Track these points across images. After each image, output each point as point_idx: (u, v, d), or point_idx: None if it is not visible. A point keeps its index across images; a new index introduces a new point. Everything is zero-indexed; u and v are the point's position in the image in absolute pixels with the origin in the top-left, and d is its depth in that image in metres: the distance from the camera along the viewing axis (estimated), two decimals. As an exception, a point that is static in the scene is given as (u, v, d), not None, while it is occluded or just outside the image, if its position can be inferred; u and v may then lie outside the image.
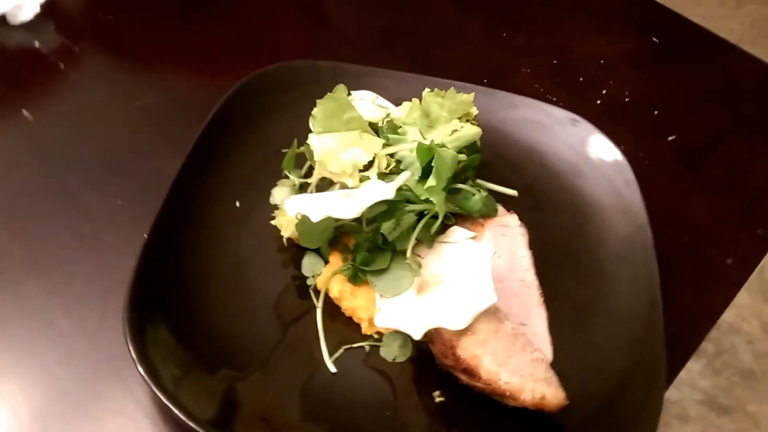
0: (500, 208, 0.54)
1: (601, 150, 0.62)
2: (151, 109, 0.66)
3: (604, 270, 0.56)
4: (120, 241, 0.55)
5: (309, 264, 0.52)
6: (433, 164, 0.47)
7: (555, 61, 0.78)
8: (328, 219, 0.45)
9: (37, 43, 0.70)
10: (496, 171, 0.61)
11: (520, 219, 0.55)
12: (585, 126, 0.63)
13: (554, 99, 0.71)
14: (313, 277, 0.52)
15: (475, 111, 0.55)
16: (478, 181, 0.57)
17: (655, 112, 0.73)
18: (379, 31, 0.79)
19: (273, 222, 0.54)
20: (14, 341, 0.49)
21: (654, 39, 0.81)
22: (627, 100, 0.74)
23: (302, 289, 0.52)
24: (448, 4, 0.84)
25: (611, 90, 0.75)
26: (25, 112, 0.64)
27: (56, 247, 0.54)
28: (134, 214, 0.57)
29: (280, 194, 0.55)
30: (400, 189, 0.48)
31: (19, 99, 0.65)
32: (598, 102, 0.73)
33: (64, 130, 0.63)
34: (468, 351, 0.46)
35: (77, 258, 0.54)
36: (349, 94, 0.58)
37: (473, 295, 0.45)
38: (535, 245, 0.55)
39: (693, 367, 1.28)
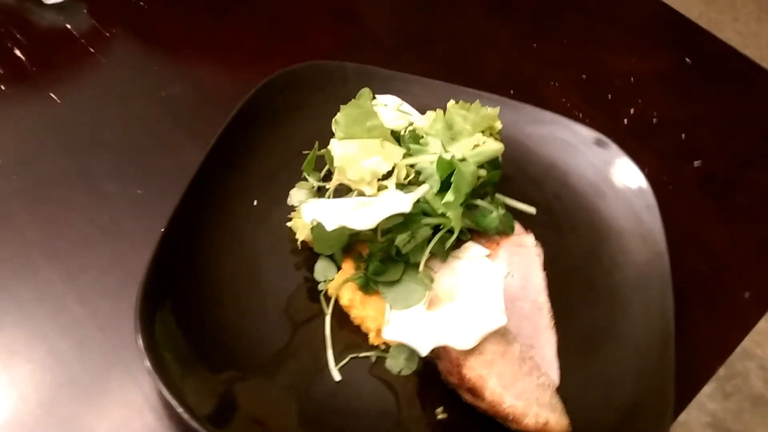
0: (517, 226, 0.54)
1: (624, 173, 0.62)
2: (177, 100, 0.66)
3: (618, 295, 0.55)
4: (138, 231, 0.55)
5: (322, 269, 0.52)
6: (452, 179, 0.46)
7: (584, 76, 0.77)
8: (342, 227, 0.45)
9: (68, 25, 0.71)
10: (517, 186, 0.61)
11: (537, 237, 0.55)
12: (610, 147, 0.62)
13: (580, 115, 0.71)
14: (325, 282, 0.52)
15: (499, 125, 0.54)
16: (498, 196, 0.57)
17: (683, 135, 0.72)
18: (409, 35, 0.78)
19: (289, 224, 0.54)
20: (29, 325, 0.50)
21: (687, 59, 0.80)
22: (654, 120, 0.73)
23: (313, 293, 0.52)
24: (480, 11, 0.83)
25: (639, 109, 0.74)
26: (52, 95, 0.64)
27: (75, 234, 0.55)
28: (154, 205, 0.57)
29: (298, 196, 0.55)
30: (417, 201, 0.48)
31: (47, 80, 0.65)
32: (625, 121, 0.72)
33: (89, 114, 0.63)
34: (474, 371, 0.45)
35: (94, 246, 0.54)
36: (374, 97, 0.58)
37: (483, 315, 0.45)
38: (549, 265, 0.55)
39: (703, 389, 1.27)
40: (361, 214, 0.45)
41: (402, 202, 0.45)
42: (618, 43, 0.81)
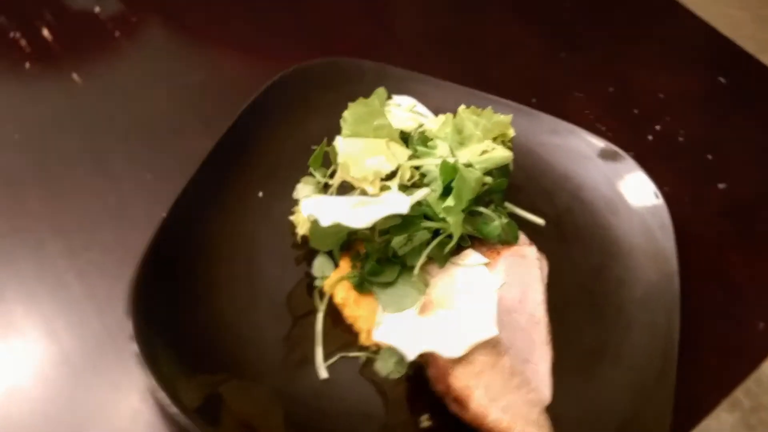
0: (522, 237, 0.53)
1: (640, 189, 0.60)
2: (196, 88, 0.67)
3: (622, 314, 0.54)
4: (143, 214, 0.56)
5: (320, 265, 0.52)
6: (453, 184, 0.46)
7: (611, 89, 0.75)
8: (339, 224, 0.45)
9: (97, 8, 0.72)
10: (528, 196, 0.59)
11: (544, 249, 0.53)
12: (627, 161, 0.61)
13: (603, 128, 0.69)
14: (321, 278, 0.52)
15: (511, 133, 0.53)
16: (507, 204, 0.55)
17: (709, 157, 0.69)
18: (434, 37, 0.78)
19: (291, 218, 0.53)
20: (28, 300, 0.51)
21: (721, 79, 0.77)
22: (681, 139, 0.71)
23: (310, 289, 0.52)
24: (509, 17, 0.82)
25: (666, 127, 0.72)
26: (74, 75, 0.65)
27: (81, 212, 0.56)
28: (162, 190, 0.57)
29: (303, 191, 0.55)
30: (418, 204, 0.47)
31: (71, 61, 0.67)
32: (650, 138, 0.70)
33: (108, 97, 0.64)
34: (461, 380, 0.44)
35: (99, 225, 0.55)
36: (390, 97, 0.57)
37: (474, 324, 0.44)
38: (554, 279, 0.53)
39: (726, 419, 1.23)
40: (358, 213, 0.45)
41: (400, 203, 0.45)
42: (650, 58, 0.79)
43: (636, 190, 0.60)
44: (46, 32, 0.68)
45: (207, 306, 0.49)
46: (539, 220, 0.55)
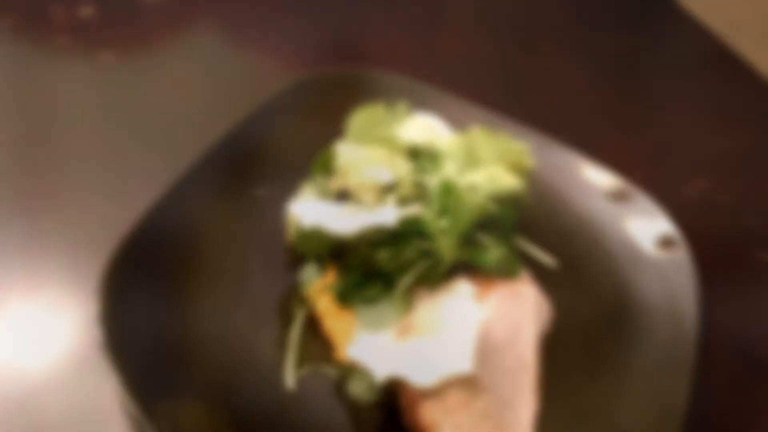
0: (525, 275, 0.49)
1: (668, 244, 0.55)
2: (223, 84, 0.66)
3: (625, 377, 0.49)
4: (142, 197, 0.55)
5: (309, 272, 0.50)
6: (449, 205, 0.43)
7: (656, 138, 0.71)
8: (322, 230, 0.42)
9: (145, -5, 0.73)
10: (543, 234, 0.56)
11: (552, 294, 0.50)
12: (658, 214, 0.56)
13: (638, 176, 0.65)
14: (307, 285, 0.49)
15: (529, 163, 0.50)
16: (518, 238, 0.52)
17: (749, 221, 0.64)
18: (475, 59, 0.75)
19: (287, 221, 0.52)
20: (12, 268, 0.50)
21: (776, 141, 0.72)
22: (720, 199, 0.66)
23: (294, 295, 0.50)
24: (558, 49, 0.79)
25: (706, 185, 0.67)
26: (107, 54, 0.66)
27: (83, 186, 0.55)
28: (166, 176, 0.57)
29: (304, 195, 0.53)
30: (412, 221, 0.44)
31: (108, 40, 0.68)
32: (687, 192, 0.66)
33: (137, 79, 0.65)
34: (429, 415, 0.41)
35: (97, 201, 0.55)
36: (412, 113, 0.55)
37: (450, 356, 0.41)
38: (557, 327, 0.50)
39: None
40: (344, 220, 0.43)
41: (387, 216, 0.42)
42: (700, 110, 0.75)
43: (663, 247, 0.55)
44: (89, 9, 0.70)
45: (186, 303, 0.48)
46: (549, 261, 0.51)
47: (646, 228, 0.56)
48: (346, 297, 0.46)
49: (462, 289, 0.45)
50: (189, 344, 0.46)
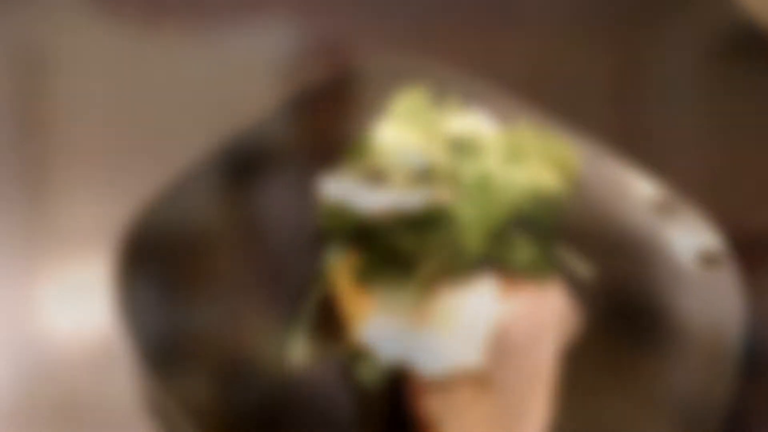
0: (556, 283, 0.47)
1: (712, 262, 0.52)
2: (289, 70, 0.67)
3: (650, 406, 0.46)
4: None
5: (334, 249, 0.49)
6: (482, 196, 0.41)
7: (724, 161, 0.66)
8: (347, 206, 0.42)
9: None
10: (587, 246, 0.53)
11: (584, 309, 0.48)
12: (715, 243, 0.53)
13: (700, 200, 0.61)
14: (330, 263, 0.49)
15: (574, 166, 0.48)
16: (554, 243, 0.50)
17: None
18: (548, 62, 0.73)
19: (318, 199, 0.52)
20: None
21: None
22: None
23: (316, 272, 0.50)
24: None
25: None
26: (175, 36, 0.68)
27: (102, 153, 0.57)
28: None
29: (338, 175, 0.53)
30: (442, 209, 0.43)
31: (183, 22, 0.70)
32: (751, 224, 0.61)
33: (190, 58, 0.66)
34: (431, 408, 0.40)
35: (116, 173, 0.56)
36: (458, 104, 0.55)
37: (459, 348, 0.39)
38: (583, 344, 0.47)
39: None
40: (371, 199, 0.42)
41: (413, 199, 0.41)
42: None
43: (706, 264, 0.52)
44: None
45: (197, 279, 0.48)
46: (585, 273, 0.49)
47: (701, 258, 0.52)
48: (366, 277, 0.45)
49: (485, 285, 0.43)
50: (200, 326, 0.47)
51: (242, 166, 0.54)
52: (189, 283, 0.48)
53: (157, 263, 0.48)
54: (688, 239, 0.53)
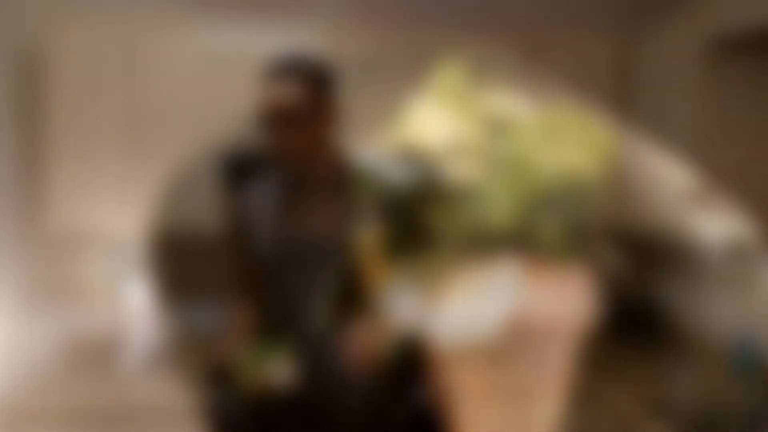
0: (582, 267, 0.46)
1: (742, 253, 0.50)
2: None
3: (672, 394, 0.45)
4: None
5: (361, 223, 0.50)
6: (509, 172, 0.41)
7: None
8: (377, 179, 0.43)
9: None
10: (625, 237, 0.52)
11: (609, 292, 0.46)
12: (734, 219, 0.51)
13: (746, 216, 0.59)
14: (364, 233, 0.49)
15: (610, 152, 0.47)
16: (585, 227, 0.49)
17: None
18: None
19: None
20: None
21: None
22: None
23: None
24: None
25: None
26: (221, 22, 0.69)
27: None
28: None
29: (372, 145, 0.53)
30: (471, 184, 0.43)
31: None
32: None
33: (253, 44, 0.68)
34: (448, 380, 0.40)
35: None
36: (500, 83, 0.54)
37: (476, 321, 0.39)
38: (605, 330, 0.46)
39: None
40: (402, 171, 0.42)
41: (438, 170, 0.41)
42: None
43: (736, 255, 0.50)
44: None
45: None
46: (614, 258, 0.48)
47: (722, 234, 0.51)
48: (390, 249, 0.45)
49: (509, 264, 0.42)
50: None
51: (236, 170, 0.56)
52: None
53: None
54: (721, 231, 0.51)
